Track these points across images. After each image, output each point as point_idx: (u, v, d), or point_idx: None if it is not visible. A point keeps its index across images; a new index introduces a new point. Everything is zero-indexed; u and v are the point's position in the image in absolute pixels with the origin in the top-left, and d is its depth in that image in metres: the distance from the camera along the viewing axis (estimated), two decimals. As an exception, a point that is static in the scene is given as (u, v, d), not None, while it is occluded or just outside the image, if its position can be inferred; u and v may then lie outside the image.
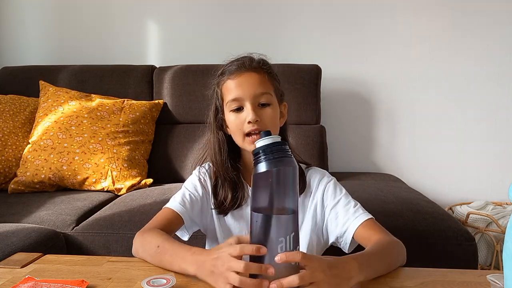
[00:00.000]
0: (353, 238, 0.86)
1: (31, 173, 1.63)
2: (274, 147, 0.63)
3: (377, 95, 2.13)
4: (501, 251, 0.67)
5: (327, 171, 1.09)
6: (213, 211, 0.96)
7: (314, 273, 0.61)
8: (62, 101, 1.80)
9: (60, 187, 1.68)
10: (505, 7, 2.02)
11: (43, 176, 1.63)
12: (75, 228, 1.31)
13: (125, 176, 1.66)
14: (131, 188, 1.65)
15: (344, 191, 0.94)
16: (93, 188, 1.66)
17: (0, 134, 1.71)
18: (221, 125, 0.95)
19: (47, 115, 1.76)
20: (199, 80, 1.91)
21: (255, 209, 0.64)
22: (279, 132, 0.95)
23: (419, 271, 0.77)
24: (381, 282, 0.72)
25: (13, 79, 2.03)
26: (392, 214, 1.30)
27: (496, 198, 2.05)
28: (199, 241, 1.08)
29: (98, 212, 1.40)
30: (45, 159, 1.65)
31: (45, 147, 1.67)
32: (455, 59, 2.07)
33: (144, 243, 0.83)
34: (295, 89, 1.87)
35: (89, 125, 1.72)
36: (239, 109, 0.89)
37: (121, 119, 1.78)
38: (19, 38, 2.29)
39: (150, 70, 2.02)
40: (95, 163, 1.65)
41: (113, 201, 1.51)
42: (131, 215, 1.33)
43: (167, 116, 1.94)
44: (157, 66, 2.06)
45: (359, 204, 0.90)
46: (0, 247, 1.06)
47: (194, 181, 0.97)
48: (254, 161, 0.63)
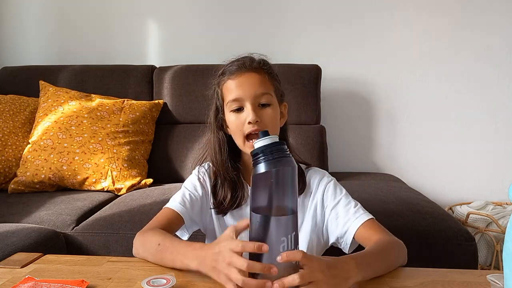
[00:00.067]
0: (353, 238, 0.86)
1: (31, 173, 1.63)
2: (273, 147, 0.62)
3: (377, 95, 2.13)
4: (501, 251, 0.67)
5: (327, 171, 1.09)
6: (212, 211, 0.96)
7: (314, 272, 0.61)
8: (62, 101, 1.80)
9: (60, 187, 1.68)
10: (505, 7, 2.02)
11: (43, 176, 1.63)
12: (75, 228, 1.31)
13: (125, 176, 1.66)
14: (131, 188, 1.65)
15: (344, 191, 0.94)
16: (93, 188, 1.66)
17: (0, 134, 1.71)
18: (221, 125, 0.95)
19: (47, 115, 1.76)
20: (199, 80, 1.91)
21: (256, 209, 0.63)
22: (280, 132, 0.95)
23: (419, 271, 0.77)
24: (381, 282, 0.72)
25: (13, 79, 2.03)
26: (392, 214, 1.30)
27: (496, 198, 2.05)
28: (199, 241, 1.06)
29: (98, 212, 1.41)
30: (45, 159, 1.65)
31: (45, 147, 1.67)
32: (455, 59, 2.07)
33: (144, 243, 0.83)
34: (295, 89, 1.87)
35: (89, 125, 1.72)
36: (240, 109, 0.89)
37: (121, 119, 1.78)
38: (19, 38, 2.29)
39: (150, 70, 2.02)
40: (95, 163, 1.65)
41: (113, 201, 1.52)
42: (131, 215, 1.34)
43: (167, 116, 1.94)
44: (157, 66, 2.06)
45: (359, 204, 0.90)
46: (0, 247, 1.06)
47: (194, 180, 0.98)
48: (253, 162, 0.63)
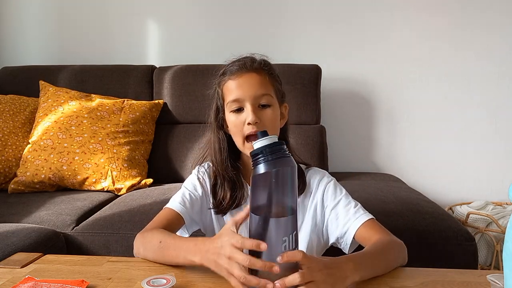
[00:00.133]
0: (353, 238, 0.86)
1: (31, 173, 1.63)
2: (272, 147, 0.62)
3: (377, 95, 2.13)
4: (501, 251, 0.67)
5: (327, 171, 1.09)
6: (212, 210, 0.96)
7: (313, 272, 0.62)
8: (62, 101, 1.80)
9: (60, 187, 1.68)
10: (505, 7, 2.02)
11: (43, 176, 1.63)
12: (75, 228, 1.31)
13: (125, 176, 1.66)
14: (131, 188, 1.65)
15: (344, 191, 0.94)
16: (93, 188, 1.66)
17: (0, 134, 1.71)
18: (221, 124, 0.95)
19: (47, 115, 1.76)
20: (199, 80, 1.91)
21: (256, 210, 0.63)
22: (280, 133, 0.95)
23: (419, 271, 0.77)
24: (381, 282, 0.72)
25: (13, 79, 2.03)
26: (392, 214, 1.30)
27: (496, 198, 2.04)
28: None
29: (98, 212, 1.41)
30: (45, 159, 1.65)
31: (45, 147, 1.67)
32: (455, 59, 2.07)
33: (145, 242, 0.83)
34: (295, 89, 1.87)
35: (89, 125, 1.72)
36: (239, 110, 0.89)
37: (121, 119, 1.78)
38: (19, 38, 2.29)
39: (150, 70, 2.02)
40: (95, 163, 1.65)
41: (113, 201, 1.52)
42: (131, 215, 1.34)
43: (167, 116, 1.94)
44: (157, 66, 2.06)
45: (359, 205, 0.90)
46: (0, 247, 1.06)
47: (194, 180, 0.98)
48: (253, 163, 0.63)
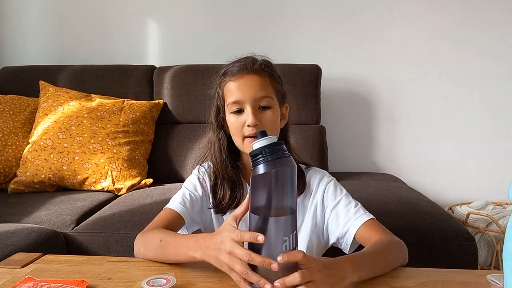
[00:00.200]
0: (354, 238, 0.86)
1: (31, 173, 1.63)
2: (271, 148, 0.62)
3: (377, 95, 2.13)
4: (501, 251, 0.67)
5: (327, 171, 1.09)
6: (212, 210, 0.96)
7: (313, 272, 0.62)
8: (62, 101, 1.80)
9: (60, 187, 1.68)
10: (505, 7, 2.02)
11: (43, 176, 1.63)
12: (75, 228, 1.31)
13: (125, 176, 1.66)
14: (131, 188, 1.65)
15: (345, 191, 0.94)
16: (93, 188, 1.66)
17: (0, 134, 1.71)
18: (222, 124, 0.95)
19: (47, 115, 1.76)
20: (199, 80, 1.91)
21: (255, 210, 0.63)
22: (280, 133, 0.95)
23: (419, 271, 0.77)
24: (381, 282, 0.72)
25: (13, 79, 2.03)
26: (392, 214, 1.30)
27: (496, 198, 2.05)
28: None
29: (98, 212, 1.41)
30: (45, 159, 1.65)
31: (45, 147, 1.67)
32: (455, 59, 2.07)
33: (145, 241, 0.83)
34: (295, 89, 1.87)
35: (89, 125, 1.72)
36: (240, 111, 0.89)
37: (121, 119, 1.78)
38: (19, 38, 2.29)
39: (150, 70, 2.02)
40: (95, 163, 1.65)
41: (113, 201, 1.52)
42: (131, 215, 1.34)
43: (167, 116, 1.94)
44: (157, 66, 2.06)
45: (360, 204, 0.90)
46: (0, 247, 1.06)
47: (194, 180, 0.98)
48: (252, 163, 0.63)
